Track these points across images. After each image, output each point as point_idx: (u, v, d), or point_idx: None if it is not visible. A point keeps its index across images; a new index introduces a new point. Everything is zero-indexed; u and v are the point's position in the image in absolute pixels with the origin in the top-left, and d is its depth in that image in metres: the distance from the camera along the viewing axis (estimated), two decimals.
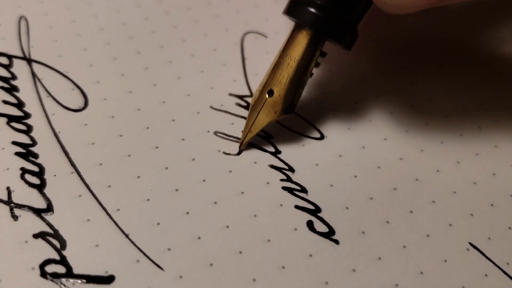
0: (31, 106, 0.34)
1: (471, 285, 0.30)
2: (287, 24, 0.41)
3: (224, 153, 0.34)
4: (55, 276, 0.28)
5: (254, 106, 0.34)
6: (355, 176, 0.33)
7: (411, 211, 0.32)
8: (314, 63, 0.33)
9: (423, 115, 0.36)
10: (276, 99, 0.33)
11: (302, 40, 0.33)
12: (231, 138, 0.34)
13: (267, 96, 0.33)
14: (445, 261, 0.30)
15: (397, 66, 0.39)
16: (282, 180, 0.33)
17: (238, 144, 0.34)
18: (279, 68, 0.33)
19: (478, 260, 0.31)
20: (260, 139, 0.34)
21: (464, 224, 0.32)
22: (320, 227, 0.31)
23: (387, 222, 0.32)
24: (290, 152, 0.34)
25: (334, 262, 0.30)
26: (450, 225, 0.32)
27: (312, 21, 0.32)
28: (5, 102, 0.34)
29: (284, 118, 0.34)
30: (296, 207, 0.32)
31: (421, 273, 0.30)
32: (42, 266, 0.28)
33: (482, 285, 0.30)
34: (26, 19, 0.39)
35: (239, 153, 0.34)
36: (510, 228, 0.32)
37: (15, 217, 0.30)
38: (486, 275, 0.30)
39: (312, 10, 0.32)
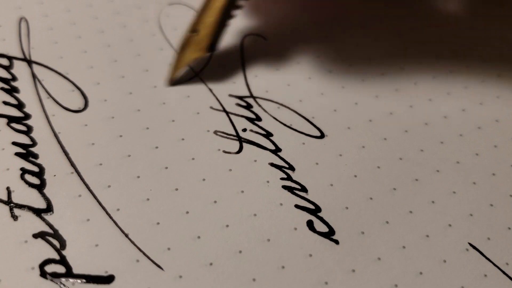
0: (31, 107, 0.34)
1: (471, 285, 0.30)
2: (287, 26, 0.41)
3: (224, 151, 0.34)
4: (55, 276, 0.28)
5: (182, 46, 0.37)
6: (355, 176, 0.33)
7: (410, 211, 0.32)
8: (235, 6, 0.37)
9: (423, 115, 0.36)
10: (201, 38, 0.37)
11: None
12: (231, 137, 0.34)
13: (191, 33, 0.37)
14: (445, 261, 0.30)
15: (397, 66, 0.39)
16: (282, 178, 0.33)
17: (238, 143, 0.34)
18: (205, 11, 0.36)
19: (478, 260, 0.31)
20: (260, 137, 0.34)
21: (464, 224, 0.32)
22: (320, 227, 0.31)
23: (387, 222, 0.32)
24: (290, 150, 0.34)
25: (334, 262, 0.30)
26: (450, 225, 0.32)
27: None
28: (5, 103, 0.34)
29: (206, 56, 0.38)
30: (296, 206, 0.31)
31: (421, 273, 0.30)
32: (42, 266, 0.28)
33: (482, 286, 0.30)
34: (26, 21, 0.39)
35: (170, 84, 0.37)
36: (509, 228, 0.32)
37: (15, 217, 0.30)
38: (485, 275, 0.30)
39: None
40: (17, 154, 0.32)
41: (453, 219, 0.32)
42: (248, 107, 0.36)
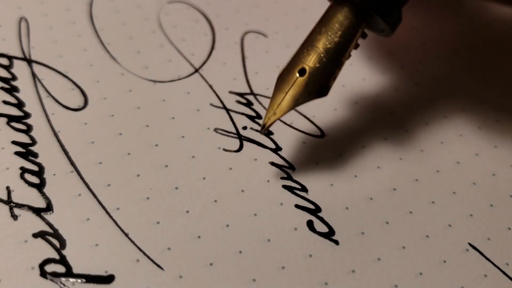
0: (31, 106, 0.34)
1: (471, 285, 0.30)
2: (287, 25, 0.41)
3: (224, 150, 0.34)
4: (55, 275, 0.28)
5: (281, 85, 0.30)
6: (355, 176, 0.33)
7: (410, 212, 0.32)
8: (355, 43, 0.30)
9: (423, 115, 0.36)
10: (308, 80, 0.29)
11: (344, 16, 0.29)
12: (231, 135, 0.34)
13: (297, 75, 0.29)
14: (445, 261, 0.30)
15: (397, 66, 0.39)
16: (282, 178, 0.33)
17: (238, 141, 0.34)
18: (314, 44, 0.30)
19: (478, 260, 0.31)
20: (260, 136, 0.34)
21: (464, 225, 0.32)
22: (320, 227, 0.31)
23: (387, 222, 0.32)
24: (290, 149, 0.34)
25: (334, 262, 0.30)
26: (450, 225, 0.32)
27: None
28: (5, 102, 0.34)
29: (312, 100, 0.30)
30: (297, 206, 0.32)
31: (420, 273, 0.30)
32: (41, 265, 0.28)
33: (482, 286, 0.30)
34: (26, 20, 0.39)
35: (263, 132, 0.30)
36: (509, 228, 0.32)
37: (14, 217, 0.30)
38: (485, 275, 0.30)
39: None
40: (16, 153, 0.32)
41: (453, 219, 0.32)
42: (249, 104, 0.36)
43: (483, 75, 0.39)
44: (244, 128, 0.35)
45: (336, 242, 0.30)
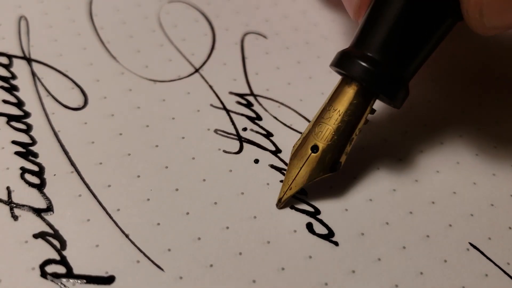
0: (31, 105, 0.34)
1: (471, 285, 0.30)
2: (287, 26, 0.41)
3: (224, 151, 0.34)
4: (56, 276, 0.28)
5: (295, 160, 0.31)
6: (354, 178, 0.33)
7: (410, 212, 0.32)
8: (364, 120, 0.31)
9: (423, 117, 0.36)
10: (321, 157, 0.31)
11: (352, 95, 0.31)
12: (231, 136, 0.34)
13: (310, 151, 0.31)
14: (445, 261, 0.30)
15: None
16: (282, 181, 0.32)
17: (238, 142, 0.34)
18: (324, 122, 0.31)
19: (478, 260, 0.31)
20: (260, 137, 0.34)
21: (464, 224, 0.32)
22: (319, 228, 0.31)
23: (387, 223, 0.32)
24: (290, 152, 0.34)
25: (334, 263, 0.30)
26: (450, 225, 0.32)
27: (365, 76, 0.30)
28: (5, 101, 0.34)
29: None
30: (296, 209, 0.31)
31: (421, 273, 0.30)
32: (42, 266, 0.28)
33: (483, 285, 0.30)
34: (26, 19, 0.39)
35: (279, 207, 0.32)
36: (510, 228, 0.32)
37: (15, 217, 0.30)
38: (486, 275, 0.30)
39: (364, 64, 0.30)
40: (16, 153, 0.32)
41: (453, 219, 0.32)
42: (249, 105, 0.36)
43: (481, 76, 0.39)
44: (244, 129, 0.35)
45: (336, 243, 0.30)
